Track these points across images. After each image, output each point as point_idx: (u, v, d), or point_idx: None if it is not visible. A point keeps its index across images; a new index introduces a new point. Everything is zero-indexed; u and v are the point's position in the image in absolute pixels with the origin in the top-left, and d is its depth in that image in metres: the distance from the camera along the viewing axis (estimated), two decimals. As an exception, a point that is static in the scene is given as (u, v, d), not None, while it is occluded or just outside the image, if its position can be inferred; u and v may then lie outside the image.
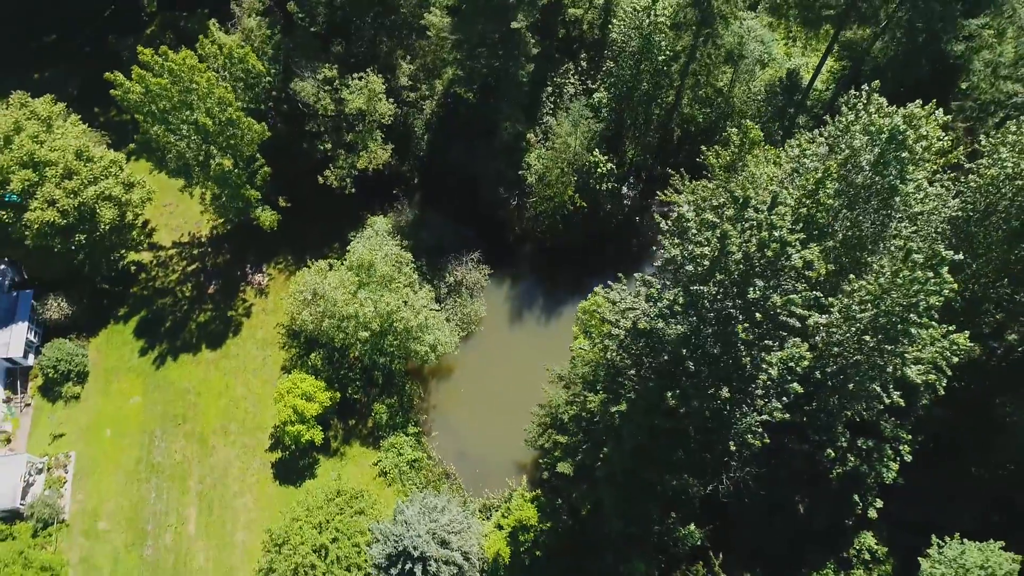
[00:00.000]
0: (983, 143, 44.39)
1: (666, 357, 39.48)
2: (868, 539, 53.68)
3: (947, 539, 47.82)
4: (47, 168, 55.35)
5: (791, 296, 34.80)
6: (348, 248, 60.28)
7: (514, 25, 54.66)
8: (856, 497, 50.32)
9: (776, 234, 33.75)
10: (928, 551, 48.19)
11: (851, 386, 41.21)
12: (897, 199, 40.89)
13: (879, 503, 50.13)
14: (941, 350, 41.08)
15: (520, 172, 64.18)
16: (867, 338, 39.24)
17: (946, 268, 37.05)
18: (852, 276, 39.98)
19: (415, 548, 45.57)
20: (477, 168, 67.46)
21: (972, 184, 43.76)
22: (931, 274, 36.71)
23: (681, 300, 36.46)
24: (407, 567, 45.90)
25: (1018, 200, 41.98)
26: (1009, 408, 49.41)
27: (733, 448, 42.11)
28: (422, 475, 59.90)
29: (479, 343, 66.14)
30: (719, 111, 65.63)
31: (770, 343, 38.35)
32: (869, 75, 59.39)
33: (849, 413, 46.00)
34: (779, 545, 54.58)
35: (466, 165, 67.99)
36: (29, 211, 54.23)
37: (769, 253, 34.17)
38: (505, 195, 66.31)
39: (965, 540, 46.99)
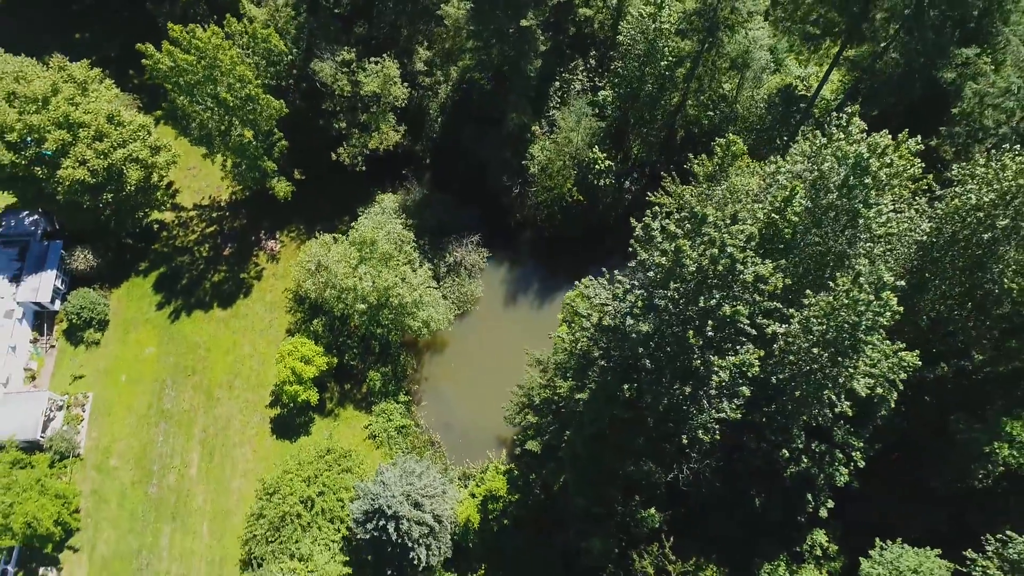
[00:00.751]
0: (954, 172, 46.25)
1: (628, 353, 42.60)
2: (820, 536, 56.52)
3: (888, 542, 50.83)
4: (80, 129, 59.42)
5: (737, 307, 37.57)
6: (353, 224, 63.96)
7: (523, 23, 57.04)
8: (809, 496, 53.39)
9: (727, 251, 36.49)
10: (871, 552, 51.32)
11: (798, 393, 44.00)
12: (860, 222, 43.17)
13: (830, 503, 52.94)
14: (891, 366, 43.75)
15: (524, 162, 66.87)
16: (817, 350, 41.94)
17: (888, 292, 39.57)
18: (809, 292, 42.46)
19: (389, 507, 49.72)
20: (485, 154, 70.38)
21: (939, 212, 45.75)
22: (873, 297, 39.25)
23: (641, 303, 39.47)
24: (381, 524, 50.11)
25: (979, 231, 43.95)
26: (962, 426, 51.75)
27: (686, 441, 45.28)
28: (408, 441, 63.97)
29: (474, 322, 69.65)
30: (723, 115, 67.47)
31: (728, 347, 41.34)
32: (866, 93, 60.95)
33: (805, 418, 48.80)
34: (736, 535, 57.83)
35: (475, 150, 70.97)
36: (62, 169, 58.40)
37: (720, 267, 36.96)
38: (508, 183, 69.14)
39: (905, 545, 49.92)
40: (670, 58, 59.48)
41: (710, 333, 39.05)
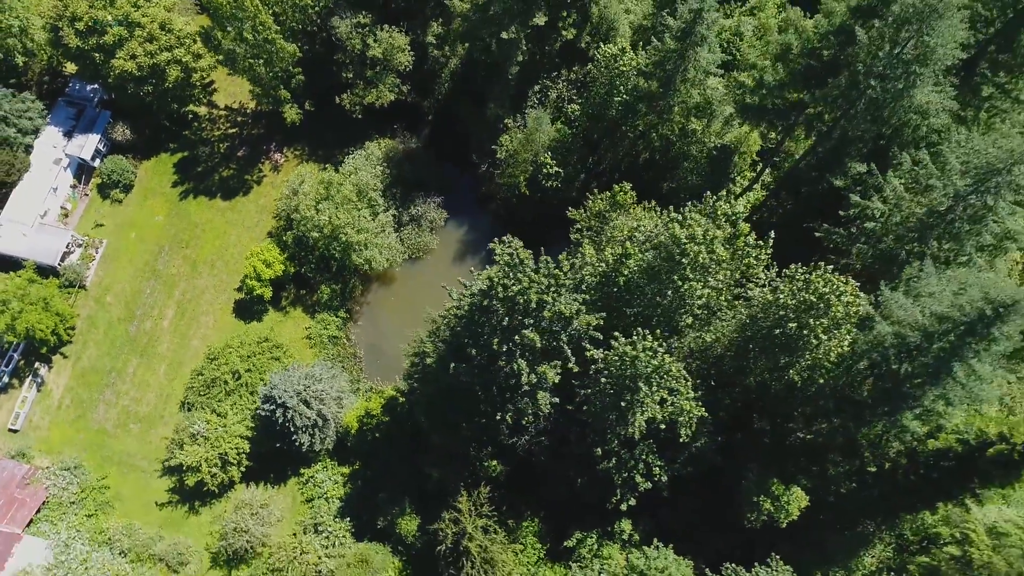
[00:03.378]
0: (783, 272, 53.85)
1: (466, 339, 53.72)
2: (626, 525, 67.68)
3: (659, 544, 61.71)
4: (136, 29, 71.92)
5: (527, 333, 47.90)
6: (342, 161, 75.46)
7: (503, 36, 65.31)
8: (618, 491, 64.31)
9: (527, 293, 46.59)
10: (645, 548, 62.46)
11: (597, 406, 54.34)
12: (683, 290, 51.91)
13: (633, 501, 63.73)
14: (674, 410, 53.62)
15: (494, 146, 76.15)
16: (604, 380, 52.06)
17: (666, 356, 48.99)
18: (617, 334, 52.06)
19: (279, 398, 63.47)
20: (471, 128, 79.89)
21: (755, 302, 53.82)
22: (651, 355, 48.79)
23: (467, 307, 50.24)
24: (272, 408, 64.08)
25: (777, 323, 52.07)
26: (750, 475, 61.05)
27: (509, 420, 56.76)
28: (336, 350, 77.36)
29: (422, 267, 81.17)
30: (680, 152, 74.48)
31: (540, 358, 52.09)
32: (781, 177, 67.25)
33: (617, 429, 59.21)
34: (565, 505, 69.51)
35: (466, 122, 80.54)
36: (115, 59, 71.40)
37: (523, 300, 47.16)
38: (478, 160, 78.77)
39: (669, 547, 60.65)
40: (626, 96, 66.68)
41: (514, 348, 49.67)
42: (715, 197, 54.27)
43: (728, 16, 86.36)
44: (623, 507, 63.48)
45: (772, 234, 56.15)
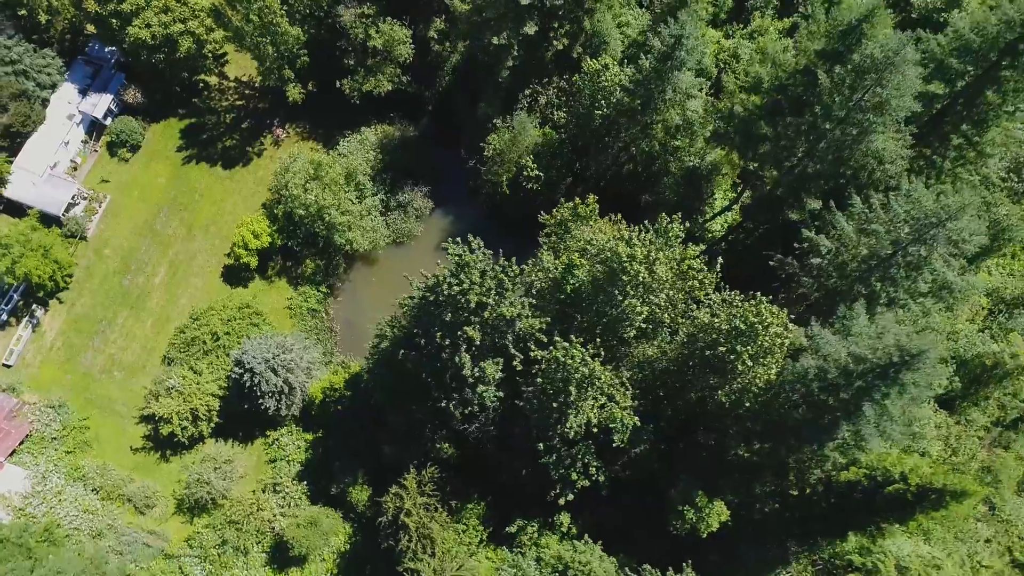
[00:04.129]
0: (724, 297, 56.47)
1: (416, 330, 57.19)
2: (565, 518, 71.04)
3: (589, 540, 65.10)
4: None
5: (469, 330, 51.21)
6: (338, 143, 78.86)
7: (495, 41, 67.93)
8: (558, 486, 67.70)
9: (467, 295, 49.86)
10: (576, 542, 65.89)
11: (536, 402, 57.73)
12: (624, 306, 54.80)
13: (571, 496, 67.07)
14: (608, 415, 56.77)
15: (482, 144, 78.99)
16: (539, 380, 55.28)
17: (597, 364, 52.06)
18: (558, 339, 55.15)
19: (248, 364, 67.57)
20: (466, 122, 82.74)
21: (697, 321, 56.51)
22: (582, 362, 51.89)
23: (419, 302, 53.62)
24: (241, 372, 68.24)
25: (711, 345, 54.83)
26: (681, 484, 64.06)
27: (452, 407, 60.34)
28: (314, 323, 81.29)
29: (406, 252, 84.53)
30: (661, 166, 76.76)
31: (487, 353, 55.48)
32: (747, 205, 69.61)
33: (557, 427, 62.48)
34: (511, 493, 73.06)
35: (461, 116, 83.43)
36: (130, 27, 75.16)
37: (463, 300, 50.43)
38: (467, 156, 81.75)
39: (598, 544, 64.01)
40: (607, 111, 69.09)
41: (458, 342, 53.04)
42: (669, 219, 56.82)
43: (729, 36, 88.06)
44: (561, 501, 67.12)
45: (720, 260, 58.85)
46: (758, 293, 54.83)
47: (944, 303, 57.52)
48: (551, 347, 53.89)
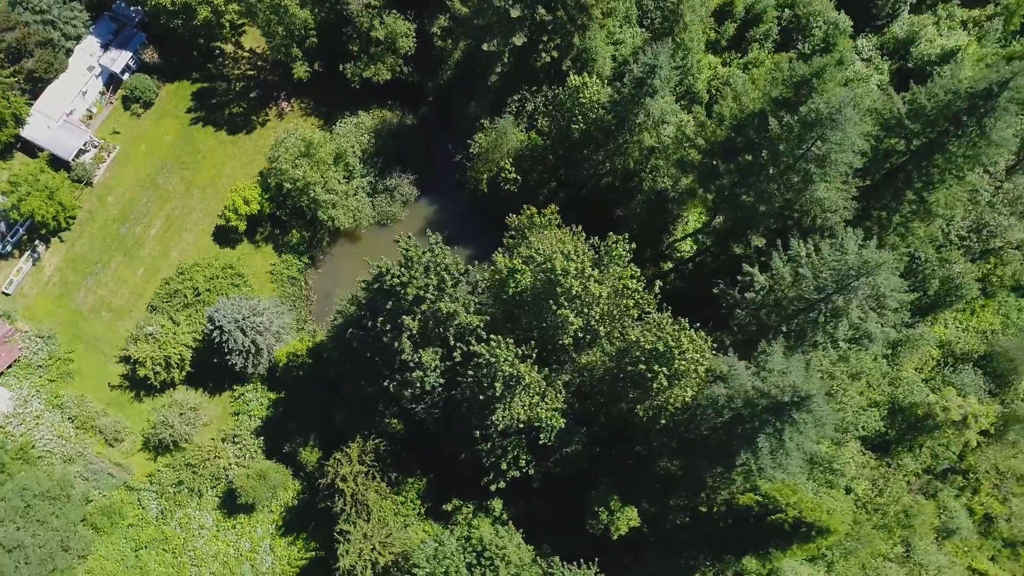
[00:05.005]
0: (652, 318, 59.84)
1: (364, 312, 61.50)
2: (497, 504, 75.25)
3: (512, 526, 69.31)
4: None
5: (407, 319, 55.38)
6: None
7: (484, 47, 71.29)
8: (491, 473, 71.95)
9: (410, 286, 53.94)
10: (500, 527, 70.14)
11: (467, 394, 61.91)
12: (559, 315, 58.52)
13: (502, 484, 71.12)
14: (533, 414, 60.78)
15: (469, 140, 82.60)
16: (471, 373, 59.34)
17: (525, 365, 55.94)
18: (495, 337, 59.01)
19: (218, 322, 72.51)
20: (457, 119, 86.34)
21: (629, 337, 60.00)
22: (507, 362, 55.84)
23: (366, 286, 57.89)
24: (212, 328, 73.27)
25: (634, 362, 58.38)
26: (602, 486, 67.98)
27: (391, 387, 64.83)
28: (293, 290, 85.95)
29: (388, 234, 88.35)
30: (637, 183, 79.75)
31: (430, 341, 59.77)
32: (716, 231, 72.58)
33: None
34: (452, 474, 77.35)
35: (459, 109, 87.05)
36: (151, -9, 79.85)
37: (403, 292, 54.56)
38: (454, 150, 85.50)
39: (519, 532, 68.22)
40: (584, 125, 72.24)
41: (399, 329, 57.26)
42: (616, 238, 60.16)
43: (727, 64, 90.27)
44: (493, 487, 71.37)
45: (659, 283, 62.24)
46: (684, 319, 58.20)
47: (864, 349, 60.25)
48: (484, 343, 57.88)
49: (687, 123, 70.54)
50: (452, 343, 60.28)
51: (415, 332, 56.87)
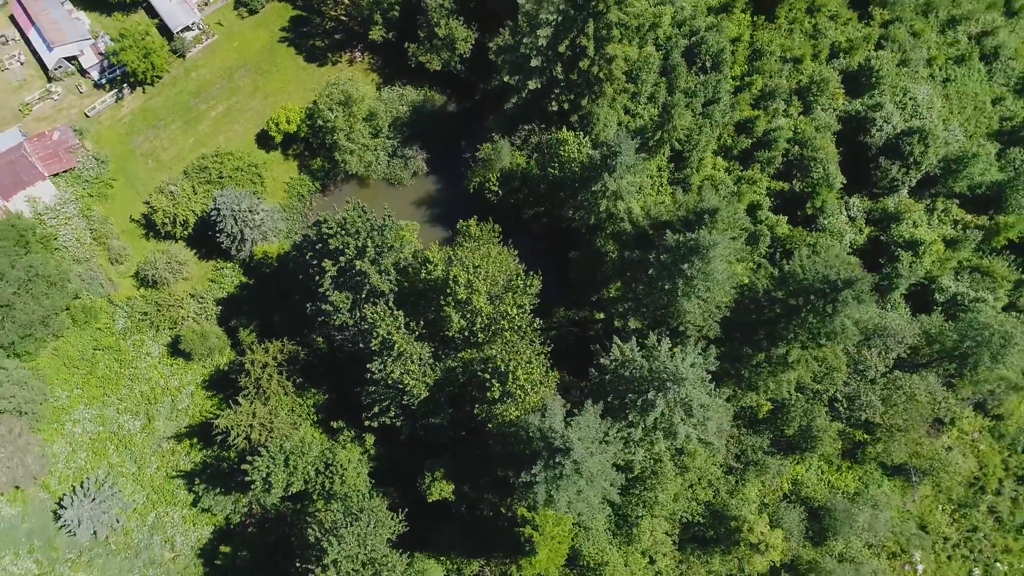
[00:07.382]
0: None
1: (305, 244, 75.96)
2: (370, 439, 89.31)
3: (366, 460, 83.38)
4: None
5: (327, 263, 69.44)
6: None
7: (506, 78, 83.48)
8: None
9: (332, 239, 67.89)
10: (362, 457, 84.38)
11: (345, 342, 75.86)
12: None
13: (375, 425, 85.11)
14: (403, 378, 74.32)
15: (479, 145, 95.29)
16: (365, 325, 73.20)
17: (412, 336, 69.34)
18: (386, 305, 72.40)
19: (218, 204, 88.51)
20: (483, 121, 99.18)
21: (492, 347, 72.31)
22: (381, 326, 69.29)
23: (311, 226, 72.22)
24: (212, 208, 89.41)
25: (483, 368, 70.85)
26: (443, 455, 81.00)
27: (308, 309, 79.48)
28: (299, 205, 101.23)
29: (391, 192, 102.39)
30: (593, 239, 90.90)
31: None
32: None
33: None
34: (351, 399, 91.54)
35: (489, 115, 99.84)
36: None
37: (328, 240, 68.60)
38: (465, 146, 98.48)
39: (364, 463, 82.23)
40: (556, 172, 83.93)
41: (323, 267, 71.61)
42: (532, 275, 72.45)
43: (729, 172, 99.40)
44: (366, 424, 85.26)
45: (538, 319, 74.06)
46: (542, 354, 70.09)
47: (671, 440, 70.50)
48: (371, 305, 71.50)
49: (635, 207, 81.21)
50: (364, 296, 74.05)
51: (335, 275, 70.79)
